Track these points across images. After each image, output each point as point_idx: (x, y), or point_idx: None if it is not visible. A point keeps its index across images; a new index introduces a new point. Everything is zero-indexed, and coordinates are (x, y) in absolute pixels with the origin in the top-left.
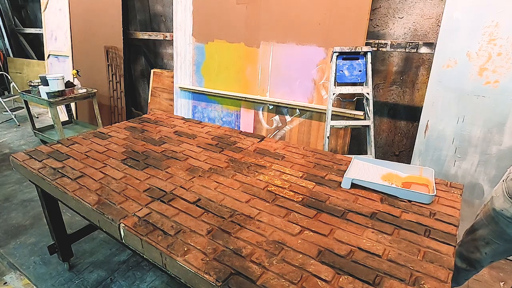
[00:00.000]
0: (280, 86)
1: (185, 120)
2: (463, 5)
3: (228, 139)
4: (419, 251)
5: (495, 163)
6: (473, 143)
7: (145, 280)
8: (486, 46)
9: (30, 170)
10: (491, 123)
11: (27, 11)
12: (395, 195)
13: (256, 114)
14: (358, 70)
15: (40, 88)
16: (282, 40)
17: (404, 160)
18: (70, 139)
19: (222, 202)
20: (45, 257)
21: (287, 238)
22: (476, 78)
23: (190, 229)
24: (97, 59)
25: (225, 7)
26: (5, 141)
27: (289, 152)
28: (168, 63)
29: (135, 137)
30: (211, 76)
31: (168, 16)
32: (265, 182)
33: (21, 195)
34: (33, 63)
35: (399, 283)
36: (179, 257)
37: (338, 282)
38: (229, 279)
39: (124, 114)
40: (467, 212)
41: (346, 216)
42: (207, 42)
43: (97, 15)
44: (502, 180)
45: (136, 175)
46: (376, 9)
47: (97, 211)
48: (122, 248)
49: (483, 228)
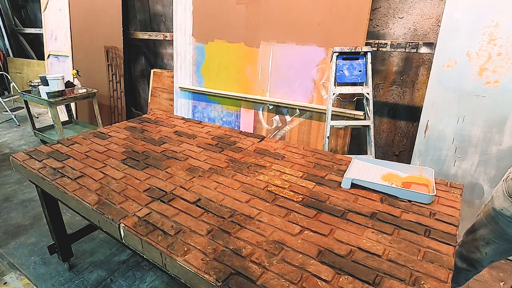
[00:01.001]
0: (280, 86)
1: (185, 120)
2: (463, 5)
3: (228, 139)
4: (419, 251)
5: (495, 163)
6: (473, 143)
7: (145, 280)
8: (486, 46)
9: (30, 170)
10: (491, 123)
11: (27, 11)
12: (395, 195)
13: (256, 114)
14: (358, 70)
15: (40, 88)
16: (282, 40)
17: (404, 160)
18: (70, 139)
19: (222, 202)
20: (45, 257)
21: (287, 238)
22: (476, 78)
23: (190, 229)
24: (97, 59)
25: (225, 7)
26: (5, 141)
27: (289, 152)
28: (168, 63)
29: (135, 137)
30: (211, 76)
31: (168, 16)
32: (265, 182)
33: (21, 195)
34: (33, 63)
35: (399, 283)
36: (179, 257)
37: (338, 282)
38: (229, 279)
39: (124, 114)
40: (467, 212)
41: (346, 216)
42: (207, 42)
43: (97, 15)
44: (503, 180)
45: (136, 175)
46: (376, 9)
47: (97, 211)
48: (122, 248)
49: (483, 228)
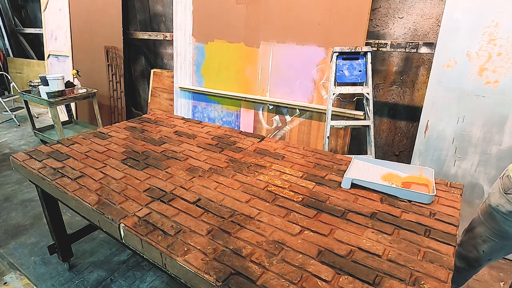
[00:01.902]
0: (280, 86)
1: (185, 120)
2: (463, 5)
3: (228, 139)
4: (419, 251)
5: (495, 163)
6: (473, 143)
7: (145, 280)
8: (486, 46)
9: (30, 170)
10: (491, 123)
11: (27, 11)
12: (395, 195)
13: (256, 114)
14: (358, 70)
15: (40, 88)
16: (282, 40)
17: (404, 160)
18: (70, 139)
19: (222, 202)
20: (45, 257)
21: (287, 238)
22: (476, 78)
23: (190, 229)
24: (97, 59)
25: (225, 7)
26: (5, 141)
27: (289, 152)
28: (168, 63)
29: (135, 137)
30: (211, 76)
31: (168, 16)
32: (265, 182)
33: (21, 195)
34: (33, 63)
35: (399, 283)
36: (179, 257)
37: (338, 282)
38: (229, 279)
39: (124, 114)
40: (467, 212)
41: (346, 216)
42: (207, 42)
43: (97, 15)
44: (499, 177)
45: (136, 175)
46: (376, 9)
47: (97, 211)
48: (122, 248)
49: (480, 226)
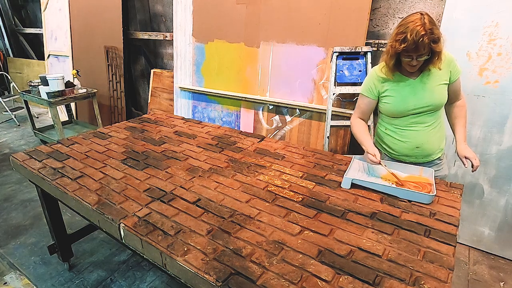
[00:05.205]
0: (280, 86)
1: (185, 120)
2: (463, 5)
3: (228, 139)
4: (419, 251)
5: (495, 163)
6: (473, 143)
7: (145, 280)
8: (486, 46)
9: (30, 170)
10: (491, 123)
11: (27, 11)
12: (395, 195)
13: (256, 114)
14: (358, 70)
15: (40, 88)
16: (282, 40)
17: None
18: (70, 139)
19: (222, 202)
20: (45, 257)
21: (287, 238)
22: (476, 78)
23: (190, 229)
24: (97, 59)
25: (225, 7)
26: (5, 141)
27: (289, 152)
28: (168, 63)
29: (135, 137)
30: (211, 76)
31: (168, 16)
32: (265, 182)
33: (21, 195)
34: (33, 63)
35: (399, 283)
36: (179, 257)
37: (338, 282)
38: (229, 279)
39: (124, 114)
40: (467, 212)
41: (346, 216)
42: (207, 42)
43: (97, 15)
44: None
45: (136, 175)
46: (376, 9)
47: (97, 211)
48: (122, 248)
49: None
